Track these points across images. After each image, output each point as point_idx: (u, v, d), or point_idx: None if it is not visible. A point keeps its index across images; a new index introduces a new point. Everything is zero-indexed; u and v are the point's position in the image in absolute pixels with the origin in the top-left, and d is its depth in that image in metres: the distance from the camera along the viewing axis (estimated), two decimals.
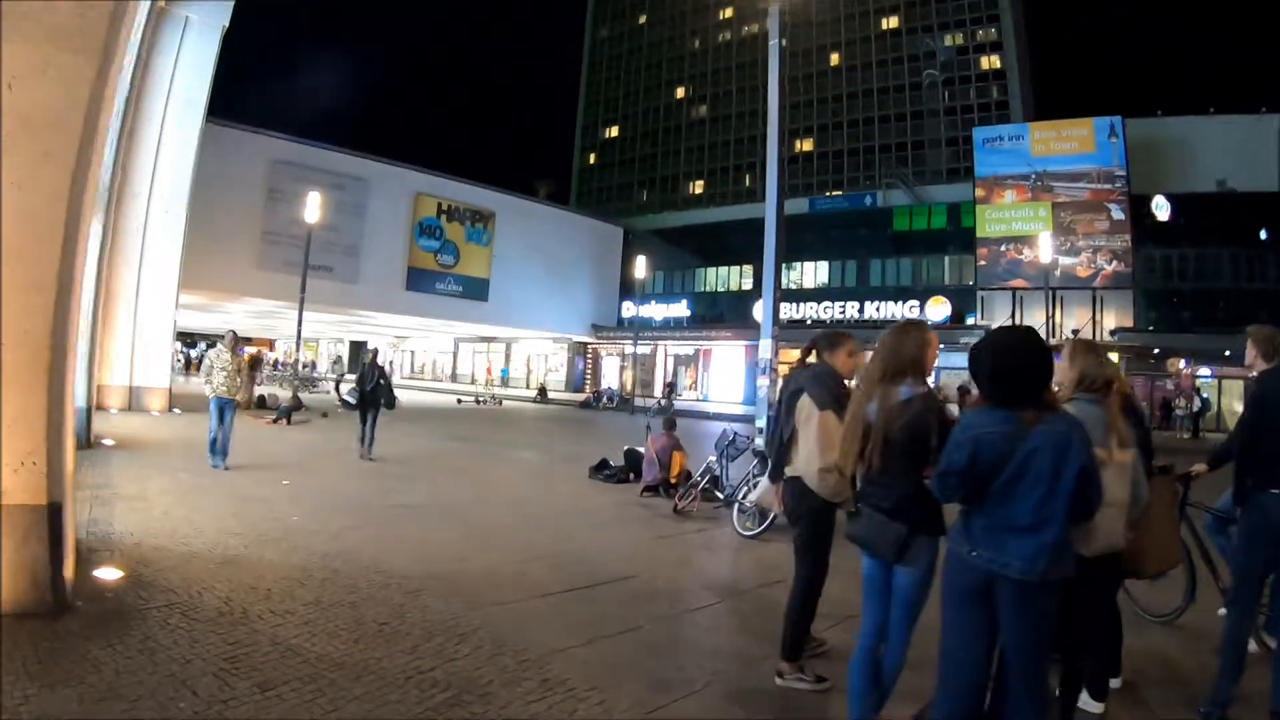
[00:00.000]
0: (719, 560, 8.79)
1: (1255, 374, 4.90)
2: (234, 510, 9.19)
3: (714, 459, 11.65)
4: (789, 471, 5.05)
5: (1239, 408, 35.93)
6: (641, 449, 13.85)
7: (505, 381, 58.14)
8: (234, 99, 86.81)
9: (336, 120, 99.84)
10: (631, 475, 13.85)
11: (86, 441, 13.42)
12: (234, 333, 12.87)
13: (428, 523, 9.40)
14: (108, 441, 14.11)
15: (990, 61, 62.44)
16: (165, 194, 22.80)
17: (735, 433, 11.88)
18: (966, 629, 3.43)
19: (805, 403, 4.91)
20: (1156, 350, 39.75)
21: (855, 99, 68.47)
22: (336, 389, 38.33)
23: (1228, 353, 36.18)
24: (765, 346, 11.70)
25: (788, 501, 5.12)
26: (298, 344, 30.45)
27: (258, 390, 26.54)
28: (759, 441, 11.26)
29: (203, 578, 6.28)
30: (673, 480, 12.53)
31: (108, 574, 6.21)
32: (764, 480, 5.42)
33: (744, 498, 10.12)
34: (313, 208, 29.70)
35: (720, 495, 11.32)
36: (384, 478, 12.88)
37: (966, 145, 54.00)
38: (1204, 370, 39.56)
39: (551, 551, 8.26)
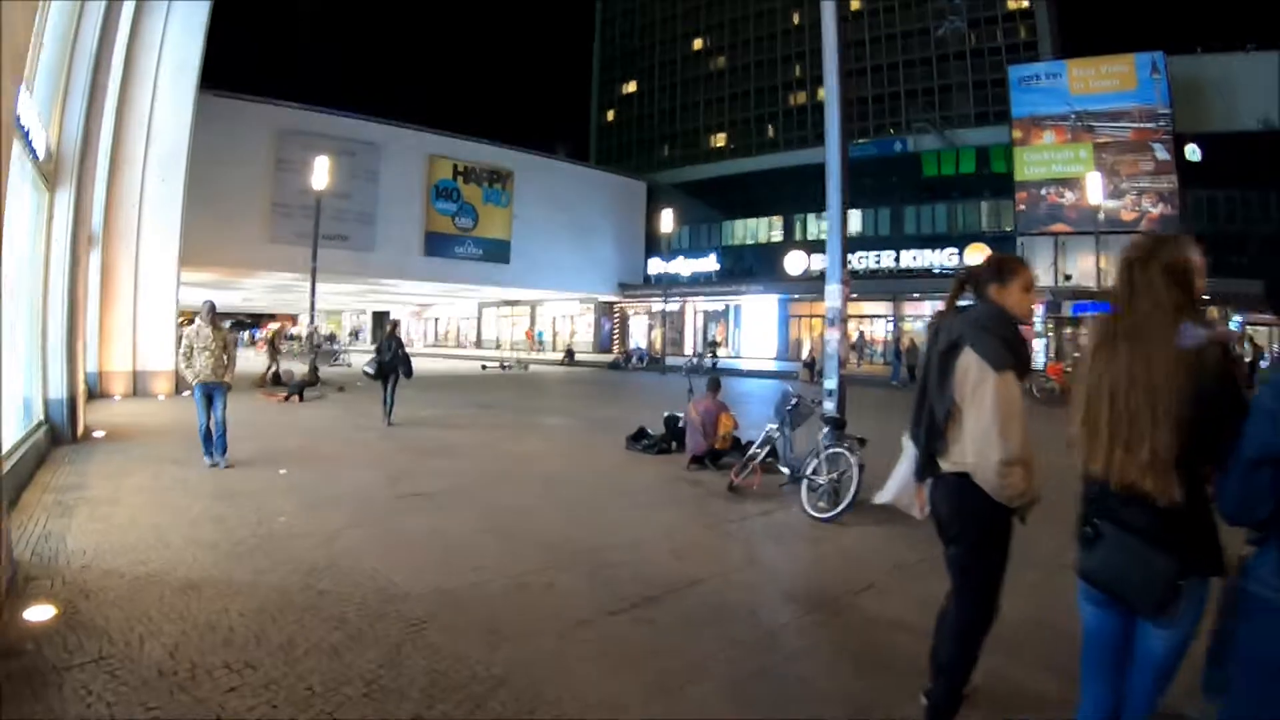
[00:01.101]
0: (794, 555, 7.32)
1: None
2: (214, 511, 7.88)
3: (774, 426, 10.11)
4: (946, 465, 3.56)
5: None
6: (682, 415, 12.52)
7: (542, 344, 56.91)
8: (239, 72, 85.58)
9: (345, 87, 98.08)
10: (674, 444, 12.57)
11: (73, 435, 12.22)
12: (211, 304, 10.94)
13: (443, 515, 8.02)
14: (99, 433, 12.84)
15: (1017, 1, 60.36)
16: (161, 162, 21.52)
17: (797, 395, 10.32)
18: None
19: (971, 362, 3.41)
20: (1206, 297, 37.34)
21: (879, 43, 66.29)
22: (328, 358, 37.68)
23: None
24: (834, 293, 10.03)
25: (941, 507, 3.63)
26: (311, 316, 29.16)
27: (275, 366, 25.23)
28: (828, 405, 9.78)
29: (152, 615, 4.90)
30: (719, 448, 11.19)
31: (38, 614, 4.84)
32: (900, 472, 3.91)
33: (813, 472, 8.73)
34: (320, 173, 28.20)
35: (784, 469, 9.76)
36: (398, 456, 11.65)
37: (996, 88, 52.74)
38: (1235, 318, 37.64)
39: (591, 549, 6.83)
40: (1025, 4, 59.36)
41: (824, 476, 8.59)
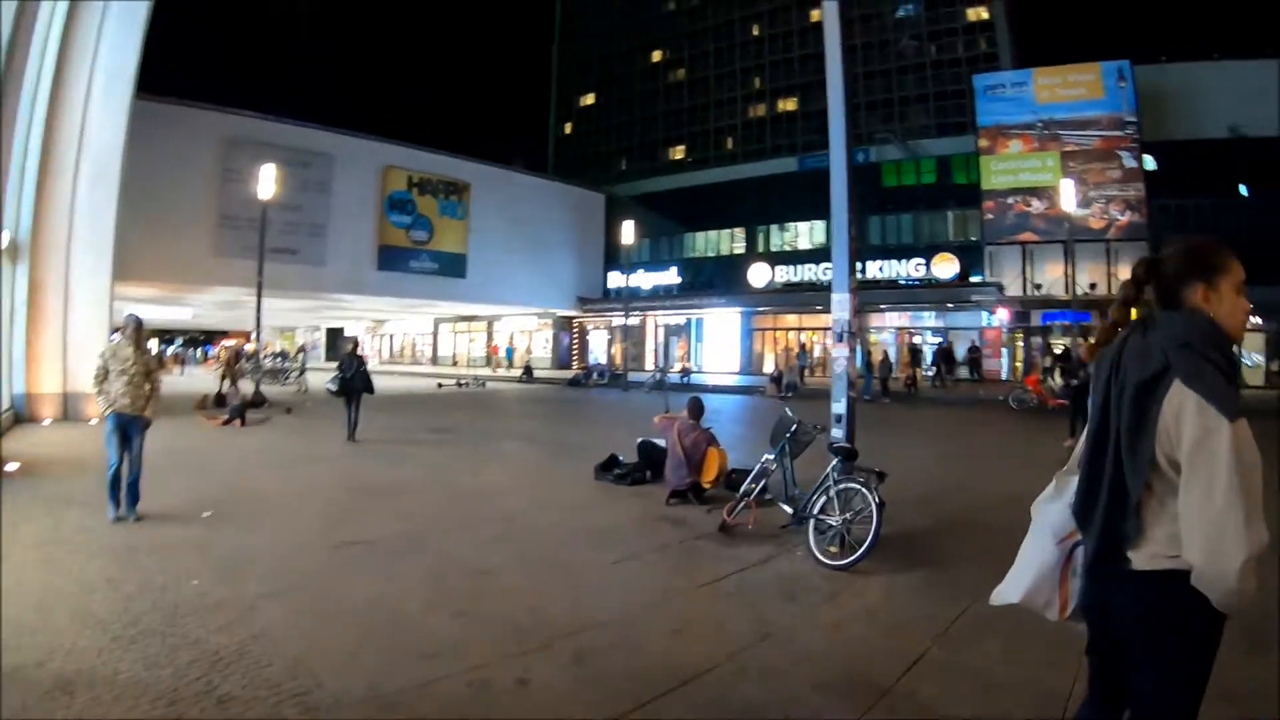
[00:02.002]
0: (814, 620, 5.97)
1: None
2: (113, 573, 6.51)
3: (770, 456, 8.88)
4: (1141, 559, 2.38)
5: (1259, 360, 35.60)
6: (659, 441, 11.33)
7: (510, 361, 55.44)
8: (187, 78, 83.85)
9: (298, 95, 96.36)
10: (649, 473, 11.35)
11: None
12: (136, 319, 8.83)
13: (386, 572, 6.68)
14: (12, 465, 11.26)
15: (977, 13, 60.03)
16: (94, 171, 20.19)
17: (797, 419, 8.98)
18: None
19: (1188, 406, 2.21)
20: None
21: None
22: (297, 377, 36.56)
23: (1251, 305, 33.33)
24: (841, 304, 8.91)
25: (1122, 615, 2.47)
26: (257, 333, 27.82)
27: (222, 387, 23.67)
28: (836, 432, 8.69)
29: None
30: (706, 484, 9.99)
31: None
32: (1031, 560, 2.69)
33: (821, 510, 7.61)
34: (267, 182, 26.93)
35: (785, 507, 8.49)
36: (340, 493, 10.34)
37: (957, 99, 53.01)
38: None
39: (569, 626, 5.51)
40: (985, 16, 59.09)
41: (836, 516, 7.49)
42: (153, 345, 65.10)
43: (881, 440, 18.24)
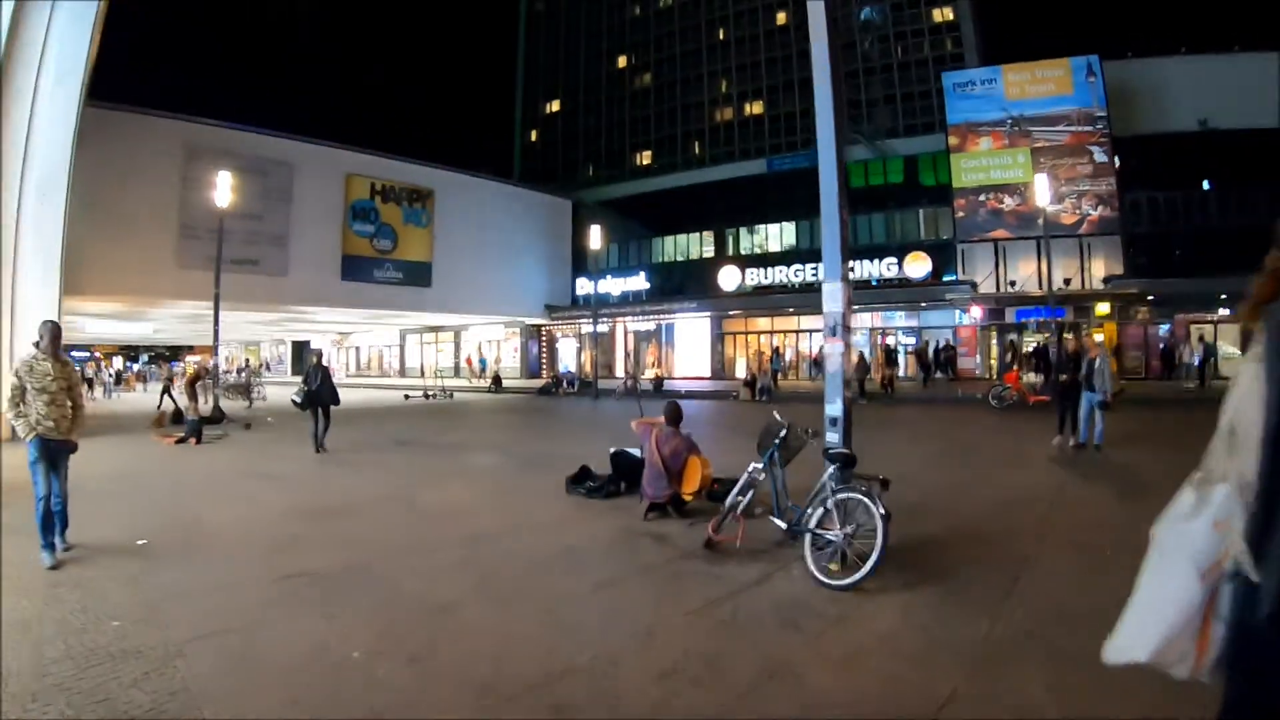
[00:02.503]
0: (823, 651, 5.17)
1: None
2: (25, 615, 5.69)
3: (758, 465, 8.05)
4: None
5: (1231, 351, 34.92)
6: (634, 451, 10.72)
7: (484, 371, 54.43)
8: (147, 86, 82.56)
9: (259, 103, 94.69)
10: (623, 485, 10.69)
11: None
12: (54, 326, 7.60)
13: (332, 615, 5.82)
14: None
15: (943, 14, 59.89)
16: (41, 177, 19.58)
17: (786, 423, 8.14)
18: None
19: None
20: (1150, 297, 37.83)
21: (806, 58, 64.98)
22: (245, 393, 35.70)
23: (1223, 295, 34.75)
24: (833, 294, 8.16)
25: None
26: (215, 346, 26.91)
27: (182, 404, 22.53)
28: (831, 436, 7.95)
29: None
30: (687, 496, 9.26)
31: None
32: (1157, 606, 2.01)
33: (818, 524, 6.91)
34: (224, 189, 26.07)
35: (778, 521, 7.71)
36: (289, 516, 9.47)
37: (924, 100, 53.30)
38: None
39: (537, 668, 4.74)
40: (951, 17, 58.97)
41: (836, 530, 6.79)
42: (117, 362, 63.62)
43: (866, 443, 17.80)
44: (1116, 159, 39.91)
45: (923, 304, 42.71)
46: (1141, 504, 9.76)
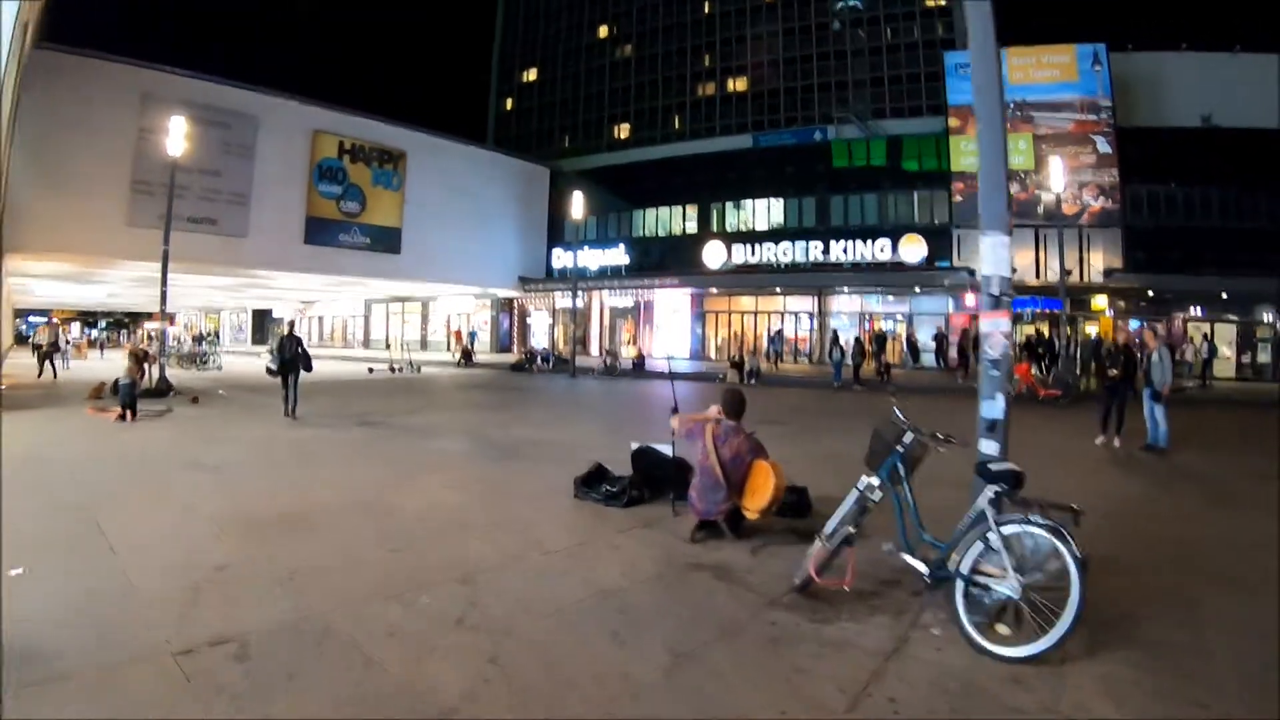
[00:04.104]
0: None
1: None
2: None
3: (873, 482, 5.87)
4: None
5: (1227, 353, 35.80)
6: (662, 447, 8.78)
7: (473, 344, 51.84)
8: (93, 27, 79.51)
9: (218, 50, 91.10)
10: (645, 492, 8.66)
11: None
12: None
13: (258, 706, 3.80)
14: None
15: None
16: None
17: (908, 424, 5.94)
18: None
19: None
20: (1150, 292, 37.42)
21: (793, 35, 64.23)
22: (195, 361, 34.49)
23: (1224, 295, 35.18)
24: (996, 249, 6.29)
25: None
26: (162, 310, 24.51)
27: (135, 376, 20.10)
28: (987, 445, 5.97)
29: None
30: (751, 512, 7.13)
31: None
32: None
33: (974, 568, 5.01)
34: (177, 136, 23.50)
35: (912, 561, 5.51)
36: (224, 531, 7.17)
37: (912, 83, 52.85)
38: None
39: None
40: (943, 1, 57.73)
41: (1008, 579, 4.82)
42: (75, 329, 61.01)
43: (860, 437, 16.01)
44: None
45: (916, 289, 41.38)
46: (1243, 516, 8.68)
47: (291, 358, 16.34)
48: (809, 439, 7.34)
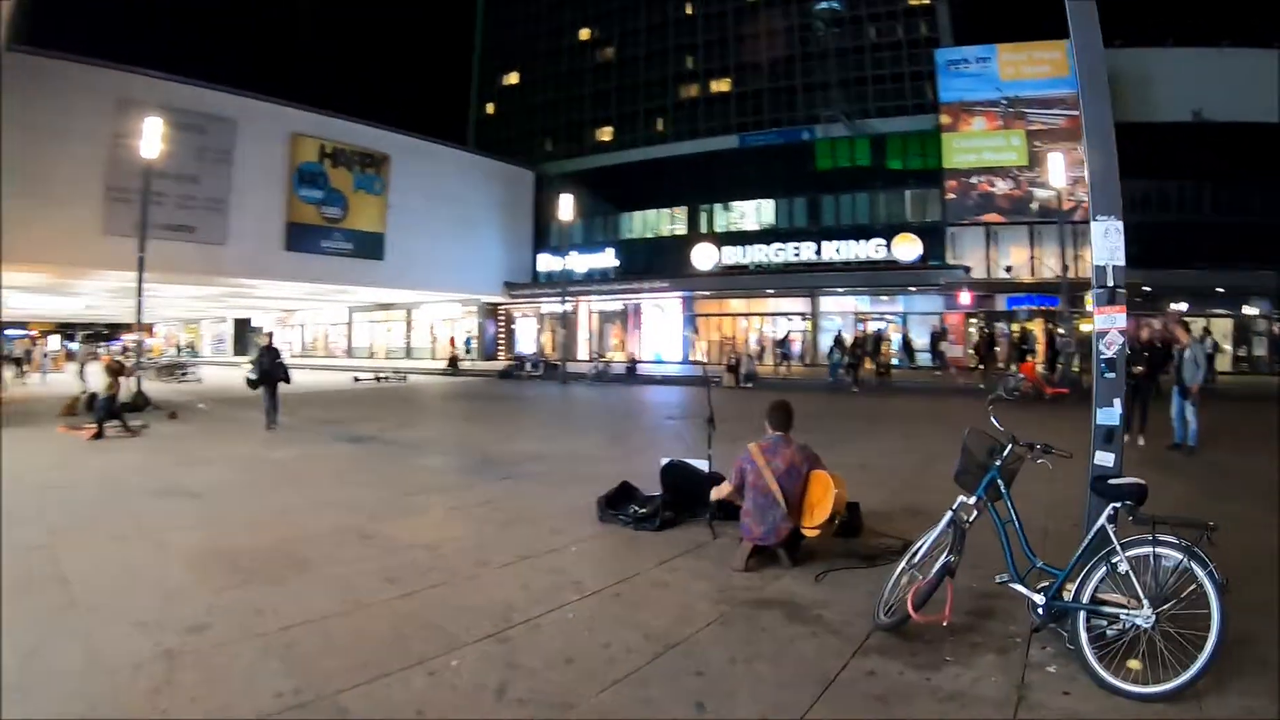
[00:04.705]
0: None
1: None
2: None
3: (968, 501, 5.02)
4: None
5: (1226, 348, 35.49)
6: (698, 463, 8.04)
7: (469, 352, 51.63)
8: (69, 32, 78.22)
9: (196, 54, 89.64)
10: (677, 513, 7.78)
11: None
12: None
13: None
14: None
15: None
16: None
17: (1007, 434, 5.15)
18: None
19: None
20: (1147, 288, 36.23)
21: (775, 36, 63.71)
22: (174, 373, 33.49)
23: (1220, 289, 35.19)
24: (1109, 235, 5.64)
25: None
26: (138, 319, 23.50)
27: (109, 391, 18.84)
28: (1104, 458, 5.18)
29: None
30: (812, 530, 6.31)
31: None
32: None
33: (1093, 597, 4.42)
34: (152, 138, 22.45)
35: (1026, 589, 4.72)
36: (198, 577, 6.13)
37: (896, 83, 52.81)
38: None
39: None
40: (926, 1, 57.48)
41: (1143, 608, 4.18)
42: (54, 341, 59.98)
43: (900, 437, 15.22)
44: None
45: (911, 288, 41.00)
46: None
47: (270, 369, 16.46)
48: (833, 448, 6.63)
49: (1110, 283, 5.47)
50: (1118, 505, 4.50)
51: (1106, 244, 5.52)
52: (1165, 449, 12.60)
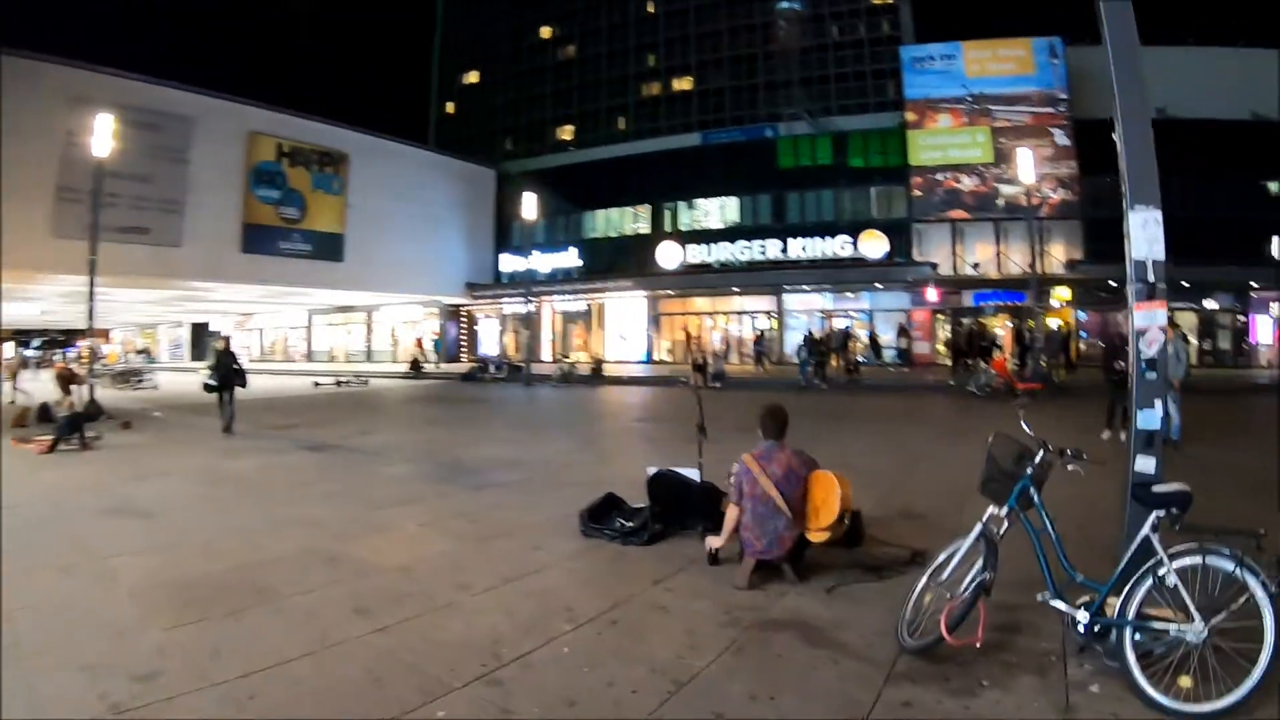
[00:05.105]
0: None
1: None
2: None
3: (998, 512, 4.72)
4: None
5: (1192, 341, 34.86)
6: (688, 471, 7.51)
7: (440, 354, 50.72)
8: (28, 32, 77.04)
9: (151, 51, 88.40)
10: (666, 525, 7.30)
11: None
12: None
13: None
14: None
15: None
16: None
17: (1039, 439, 4.84)
18: None
19: None
20: (1113, 282, 36.51)
21: (737, 34, 64.01)
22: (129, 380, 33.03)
23: (1184, 284, 34.98)
24: (1146, 226, 5.18)
25: None
26: (89, 325, 22.67)
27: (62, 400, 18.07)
28: (1144, 464, 4.91)
29: None
30: (818, 534, 5.91)
31: None
32: None
33: (1138, 614, 4.14)
34: (104, 136, 21.71)
35: (1066, 606, 4.42)
36: (147, 616, 5.49)
37: (858, 81, 54.83)
38: None
39: None
40: (889, 0, 57.65)
41: (1191, 624, 3.93)
42: (9, 349, 58.99)
43: (882, 436, 15.09)
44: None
45: (878, 285, 40.86)
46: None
47: (228, 373, 16.61)
48: (812, 449, 6.17)
49: (1150, 277, 5.06)
50: (1161, 514, 4.21)
51: (1145, 235, 5.08)
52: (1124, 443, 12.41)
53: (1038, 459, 4.67)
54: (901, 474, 10.51)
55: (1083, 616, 4.28)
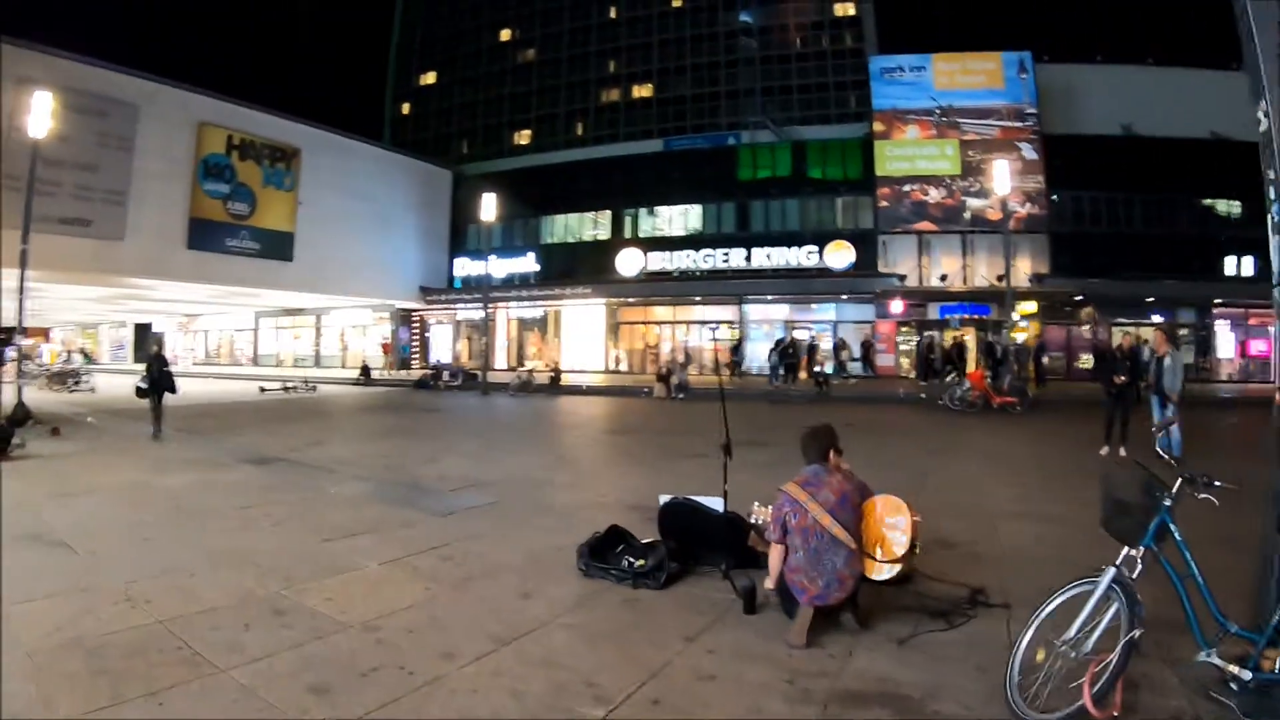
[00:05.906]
0: None
1: None
2: None
3: (1134, 553, 3.86)
4: None
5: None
6: (708, 501, 6.54)
7: (406, 360, 49.59)
8: None
9: (105, 38, 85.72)
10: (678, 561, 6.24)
11: None
12: None
13: None
14: None
15: (844, 9, 58.23)
16: None
17: (1162, 485, 3.98)
18: None
19: None
20: (1079, 297, 37.79)
21: (700, 41, 63.33)
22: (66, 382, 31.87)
23: (1149, 299, 36.41)
24: None
25: None
26: (20, 321, 21.15)
27: None
28: None
29: None
30: (888, 563, 5.07)
31: None
32: None
33: None
34: (41, 113, 20.33)
35: (1221, 661, 3.68)
36: (66, 682, 4.31)
37: (820, 92, 53.08)
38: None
39: None
40: (852, 11, 57.37)
41: None
42: None
43: (876, 449, 13.92)
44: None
45: (844, 296, 40.49)
46: None
47: (159, 378, 16.54)
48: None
49: None
50: None
51: None
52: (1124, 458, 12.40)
53: (1176, 489, 3.89)
54: (912, 495, 9.53)
55: (1245, 674, 3.60)
